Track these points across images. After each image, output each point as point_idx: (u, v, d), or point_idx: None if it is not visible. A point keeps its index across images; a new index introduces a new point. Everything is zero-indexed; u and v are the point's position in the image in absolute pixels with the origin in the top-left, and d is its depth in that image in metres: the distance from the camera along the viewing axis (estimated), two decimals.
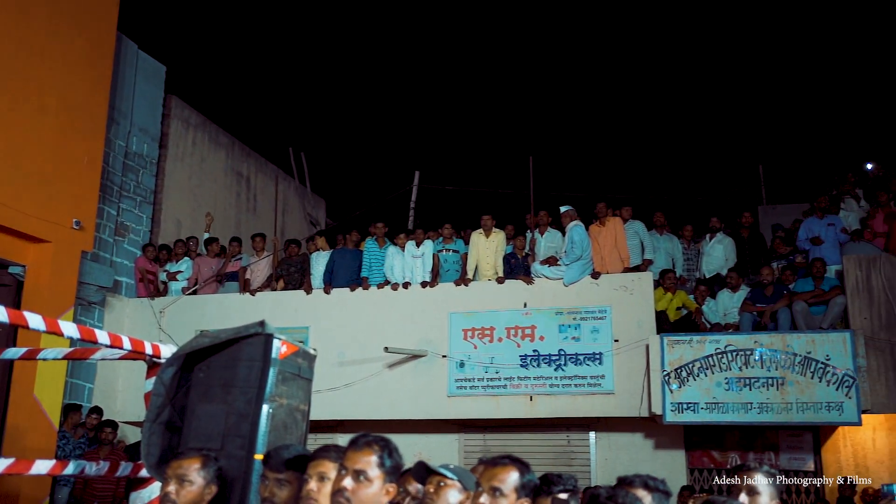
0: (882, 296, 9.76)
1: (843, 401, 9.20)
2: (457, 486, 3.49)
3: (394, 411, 10.77)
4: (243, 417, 3.62)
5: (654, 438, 10.75)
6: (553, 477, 3.44)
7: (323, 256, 11.91)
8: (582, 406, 10.29)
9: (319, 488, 3.30)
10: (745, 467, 3.59)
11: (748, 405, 9.50)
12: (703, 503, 3.41)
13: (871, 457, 10.43)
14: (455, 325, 10.84)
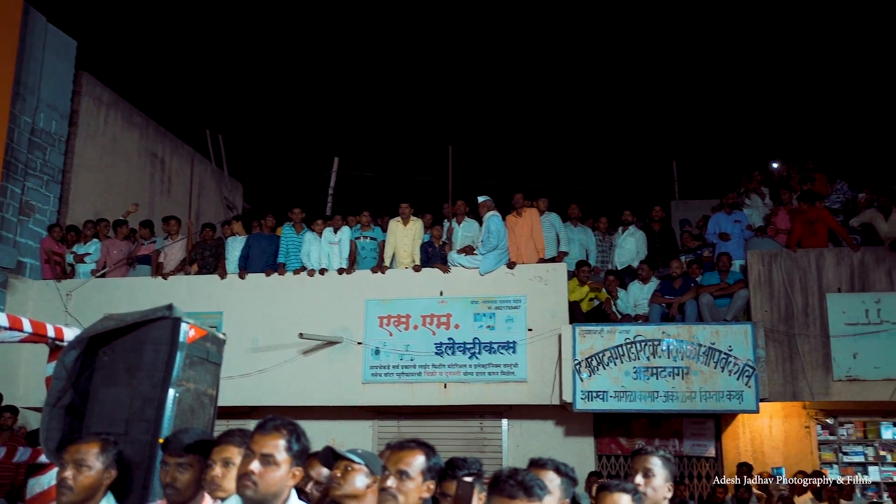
0: (782, 290, 10.18)
1: (742, 390, 9.58)
2: (364, 470, 3.52)
3: (308, 398, 10.72)
4: (148, 401, 3.57)
5: (564, 426, 10.98)
6: (458, 461, 3.50)
7: (239, 241, 11.75)
8: (495, 394, 10.43)
9: (224, 474, 3.29)
10: (643, 451, 3.73)
11: (655, 394, 9.79)
12: (598, 486, 3.52)
13: (768, 443, 10.90)
14: (371, 313, 10.85)
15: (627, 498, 3.36)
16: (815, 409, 10.99)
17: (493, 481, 3.06)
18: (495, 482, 3.03)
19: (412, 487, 3.04)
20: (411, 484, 3.04)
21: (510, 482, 2.99)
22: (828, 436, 11.64)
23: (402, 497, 3.02)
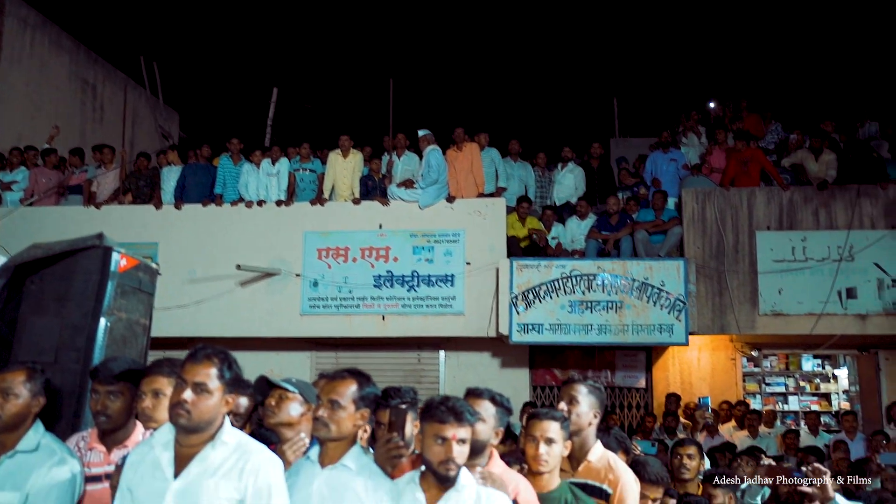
0: (714, 227, 10.43)
1: (673, 323, 9.87)
2: (298, 399, 3.58)
3: (246, 329, 10.71)
4: (79, 330, 3.55)
5: (500, 357, 11.20)
6: (392, 390, 3.58)
7: (174, 171, 11.52)
8: (433, 326, 10.56)
9: (155, 405, 3.30)
10: (571, 380, 3.84)
11: (589, 327, 10.02)
12: (528, 414, 3.63)
13: (696, 374, 11.30)
14: (309, 245, 10.81)
15: (556, 425, 3.48)
16: (741, 342, 11.41)
17: (425, 408, 3.15)
18: (427, 408, 3.12)
19: (344, 416, 3.09)
20: (343, 413, 3.09)
21: (441, 408, 3.08)
22: (752, 367, 12.11)
23: (335, 426, 3.08)
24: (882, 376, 11.20)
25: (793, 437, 9.25)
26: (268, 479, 2.90)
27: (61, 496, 3.26)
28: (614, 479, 3.61)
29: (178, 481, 2.88)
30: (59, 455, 3.32)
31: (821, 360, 12.36)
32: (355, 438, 3.15)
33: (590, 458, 3.69)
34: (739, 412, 10.10)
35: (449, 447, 3.02)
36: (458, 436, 3.03)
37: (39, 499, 3.22)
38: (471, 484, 3.12)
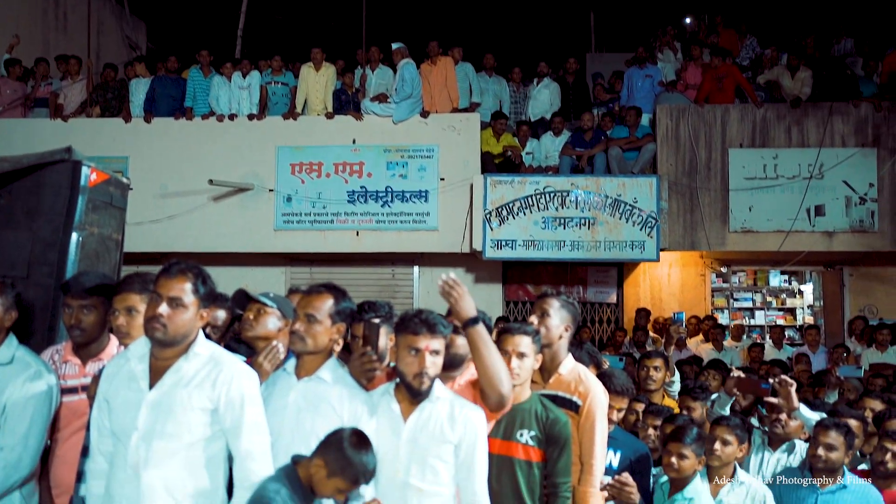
0: (688, 144, 10.46)
1: (645, 240, 9.98)
2: (276, 313, 3.62)
3: (220, 244, 10.69)
4: (50, 246, 3.53)
5: (474, 273, 11.30)
6: (367, 304, 3.62)
7: (143, 83, 11.27)
8: (407, 242, 10.61)
9: (129, 322, 3.32)
10: (544, 294, 3.90)
11: (562, 243, 10.12)
12: (500, 328, 3.70)
13: (666, 290, 11.51)
14: (282, 160, 10.71)
15: (528, 340, 3.55)
16: (711, 258, 11.59)
17: (399, 321, 3.21)
18: (401, 321, 3.19)
19: (321, 330, 3.14)
20: (320, 327, 3.13)
21: (415, 320, 3.14)
22: (721, 283, 12.36)
23: (311, 339, 3.12)
24: (846, 292, 11.48)
25: (758, 351, 9.51)
26: (241, 390, 2.95)
27: (38, 408, 3.30)
28: (584, 391, 3.70)
29: (152, 392, 2.93)
30: (35, 368, 3.35)
31: (788, 276, 12.62)
32: (331, 352, 3.20)
33: (560, 371, 3.78)
34: (707, 326, 10.33)
35: (422, 358, 3.09)
36: (430, 347, 3.09)
37: (17, 410, 3.26)
38: (445, 396, 3.20)
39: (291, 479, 2.86)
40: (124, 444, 2.91)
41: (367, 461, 2.88)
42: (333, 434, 2.92)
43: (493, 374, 3.23)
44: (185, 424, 2.88)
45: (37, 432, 3.29)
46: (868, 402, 5.09)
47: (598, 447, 3.65)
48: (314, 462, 2.87)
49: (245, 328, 3.64)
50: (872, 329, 9.53)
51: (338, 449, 2.85)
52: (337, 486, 2.87)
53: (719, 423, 4.10)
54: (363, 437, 2.92)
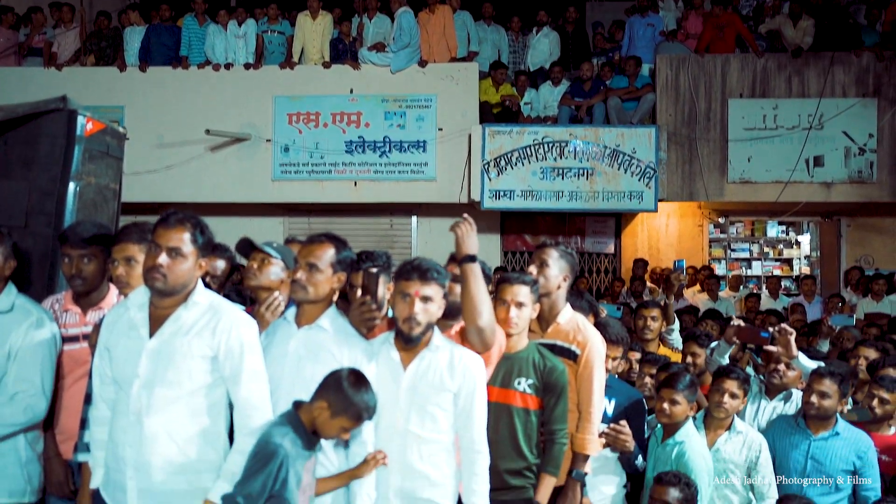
0: (687, 94, 10.38)
1: (643, 190, 9.97)
2: (279, 263, 3.63)
3: (217, 194, 10.67)
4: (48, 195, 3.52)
5: None
6: (366, 254, 3.63)
7: (137, 31, 11.13)
8: (405, 192, 10.59)
9: (128, 272, 3.34)
10: (543, 244, 3.91)
11: (560, 193, 10.11)
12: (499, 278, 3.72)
13: (663, 240, 11.54)
14: (280, 109, 10.64)
15: (526, 289, 3.57)
16: (708, 209, 11.60)
17: (397, 269, 3.24)
18: (398, 269, 3.22)
19: (322, 280, 3.15)
20: (321, 276, 3.15)
21: (407, 266, 3.18)
22: (719, 234, 12.39)
23: (312, 288, 3.14)
24: (843, 242, 11.51)
25: (754, 301, 9.56)
26: (240, 338, 2.97)
27: (46, 354, 3.34)
28: (583, 340, 3.73)
29: (152, 340, 2.95)
30: (36, 315, 3.37)
31: (785, 226, 12.65)
32: (331, 301, 3.22)
33: (559, 321, 3.81)
34: (703, 276, 10.38)
35: (411, 303, 3.12)
36: (421, 293, 3.12)
37: (27, 357, 3.29)
38: (444, 345, 3.23)
39: (295, 423, 2.91)
40: (126, 391, 2.94)
41: (368, 398, 2.94)
42: (331, 376, 2.97)
43: (475, 307, 3.25)
44: (186, 372, 2.91)
45: (49, 377, 3.34)
46: (863, 351, 5.15)
47: (596, 395, 3.70)
48: (316, 405, 2.92)
49: (248, 277, 3.66)
50: (868, 279, 9.58)
51: (338, 390, 2.90)
52: (341, 425, 2.92)
53: (728, 377, 4.12)
54: (361, 376, 2.97)
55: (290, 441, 2.84)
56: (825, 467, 4.06)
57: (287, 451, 2.80)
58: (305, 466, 2.91)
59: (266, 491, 2.78)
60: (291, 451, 2.82)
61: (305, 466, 2.91)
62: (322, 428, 2.93)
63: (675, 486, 3.55)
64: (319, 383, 2.98)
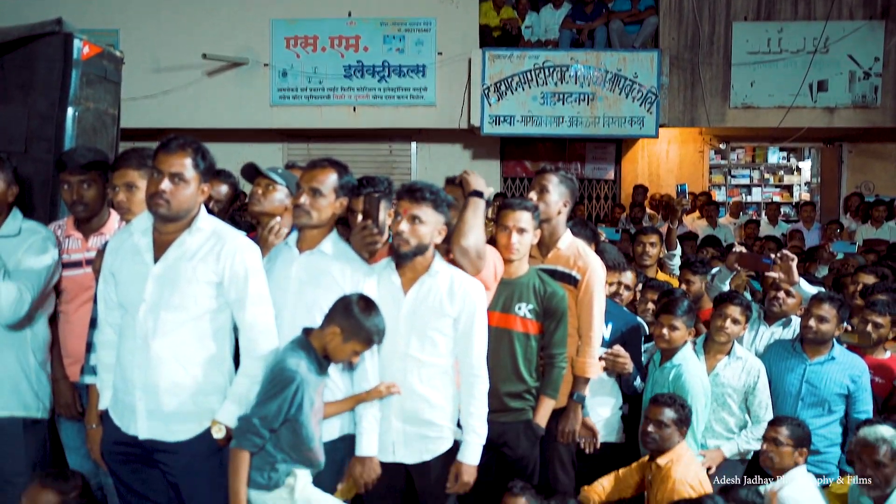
0: (691, 17, 10.20)
1: (644, 116, 9.90)
2: (284, 189, 3.63)
3: (215, 120, 10.57)
4: (47, 120, 3.50)
5: (472, 149, 11.26)
6: (367, 179, 3.63)
7: None
8: (404, 117, 10.51)
9: (129, 198, 3.34)
10: (543, 170, 3.91)
11: (560, 119, 10.03)
12: (500, 203, 3.72)
13: (664, 166, 11.50)
14: (277, 33, 10.47)
15: (528, 215, 3.58)
16: (710, 134, 11.52)
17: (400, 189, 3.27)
18: (398, 192, 3.25)
19: (325, 204, 3.16)
20: (324, 201, 3.15)
21: (403, 188, 3.21)
22: (719, 160, 12.33)
23: (316, 213, 3.15)
24: (844, 168, 11.48)
25: (753, 227, 9.58)
26: (244, 263, 2.99)
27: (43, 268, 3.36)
28: (583, 265, 3.76)
29: (157, 266, 2.97)
30: (44, 233, 3.40)
31: (786, 152, 12.59)
32: (333, 226, 3.24)
33: (559, 246, 3.83)
34: (702, 202, 10.38)
35: (399, 220, 3.15)
36: (409, 211, 3.14)
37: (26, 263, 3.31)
38: (445, 270, 3.26)
39: (307, 348, 2.96)
40: (132, 315, 2.97)
41: (378, 322, 3.00)
42: (340, 301, 3.01)
43: (463, 230, 3.29)
44: (191, 297, 2.95)
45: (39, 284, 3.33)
46: (862, 277, 5.18)
47: (596, 320, 3.74)
48: (328, 330, 2.97)
49: (253, 202, 3.66)
50: (868, 205, 9.59)
51: (349, 315, 2.95)
52: (353, 349, 2.99)
53: (731, 302, 4.16)
54: (370, 301, 3.02)
55: (305, 366, 2.90)
56: (819, 391, 4.13)
57: (302, 377, 2.86)
58: (317, 391, 2.99)
59: (282, 415, 2.86)
60: (306, 377, 2.88)
61: (317, 391, 2.99)
62: (334, 353, 2.98)
63: (669, 406, 3.63)
64: (329, 309, 3.02)
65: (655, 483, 3.60)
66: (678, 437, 3.63)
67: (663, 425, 3.60)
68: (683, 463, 3.59)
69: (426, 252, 3.21)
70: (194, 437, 2.99)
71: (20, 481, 3.26)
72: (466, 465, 3.22)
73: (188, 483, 3.03)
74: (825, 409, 4.11)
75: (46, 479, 2.86)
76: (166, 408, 2.96)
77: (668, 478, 3.53)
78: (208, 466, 3.03)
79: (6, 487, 3.41)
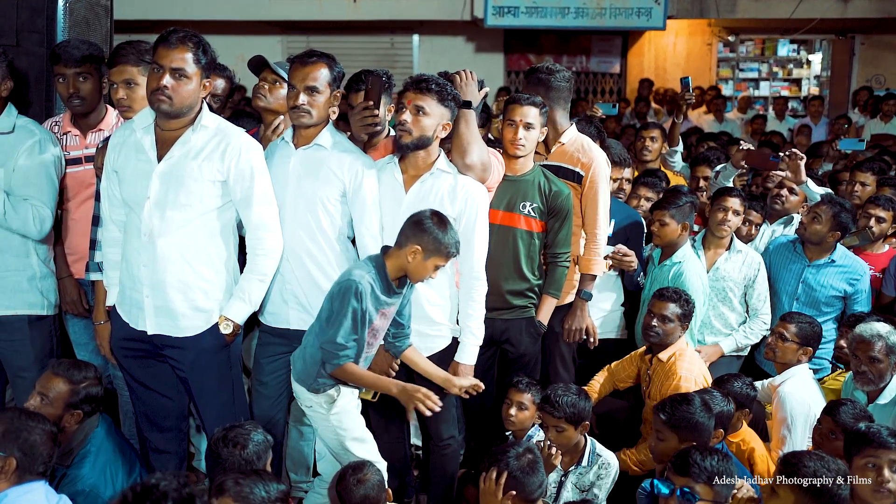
0: None
1: (651, 7, 9.63)
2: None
3: (212, 11, 10.30)
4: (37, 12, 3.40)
5: (475, 42, 11.02)
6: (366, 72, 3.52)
7: None
8: (406, 9, 10.24)
9: (129, 94, 3.28)
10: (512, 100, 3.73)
11: (565, 10, 9.77)
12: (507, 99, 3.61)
13: (670, 60, 11.27)
14: None
15: (535, 111, 3.52)
16: (718, 26, 11.24)
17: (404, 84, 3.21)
18: (404, 84, 3.20)
19: (322, 101, 3.11)
20: (321, 97, 3.10)
21: (409, 79, 3.18)
22: (728, 53, 12.07)
23: (316, 111, 3.10)
24: (855, 61, 11.26)
25: (759, 122, 9.44)
26: (250, 162, 2.99)
27: (49, 174, 3.33)
28: (587, 161, 3.72)
29: (162, 164, 2.95)
30: (39, 136, 3.34)
31: (797, 45, 12.30)
32: (328, 120, 3.19)
33: (562, 140, 3.78)
34: (710, 97, 10.21)
35: (403, 111, 3.11)
36: (413, 102, 3.10)
37: (32, 173, 3.29)
38: (449, 170, 3.22)
39: (379, 267, 2.96)
40: (137, 213, 2.97)
41: (453, 234, 2.97)
42: (414, 219, 2.97)
43: (463, 145, 3.24)
44: (197, 195, 2.94)
45: (52, 194, 3.34)
46: (859, 176, 5.06)
47: (601, 216, 3.72)
48: (408, 249, 2.93)
49: (257, 98, 3.60)
50: (878, 99, 9.40)
51: (426, 231, 2.91)
52: (435, 264, 2.96)
53: (730, 194, 4.13)
54: (442, 216, 2.98)
55: (369, 280, 2.90)
56: (815, 293, 4.14)
57: (363, 289, 2.87)
58: (380, 311, 2.98)
59: (358, 322, 2.89)
60: (366, 289, 2.88)
61: (380, 311, 2.98)
62: (416, 271, 2.96)
63: (675, 301, 3.64)
64: (404, 227, 2.98)
65: (657, 378, 3.64)
66: (680, 332, 3.66)
67: (667, 319, 3.61)
68: (687, 358, 3.62)
69: (429, 147, 3.17)
70: (202, 332, 3.04)
71: (29, 375, 3.34)
72: (464, 364, 3.26)
73: (196, 377, 3.10)
74: (818, 310, 4.12)
75: (59, 367, 2.93)
76: (173, 304, 3.00)
77: (672, 374, 3.56)
78: (216, 361, 3.09)
79: (16, 381, 3.50)
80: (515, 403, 3.45)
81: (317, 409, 3.05)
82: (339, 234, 3.20)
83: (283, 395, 3.32)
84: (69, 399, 2.87)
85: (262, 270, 3.05)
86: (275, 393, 3.30)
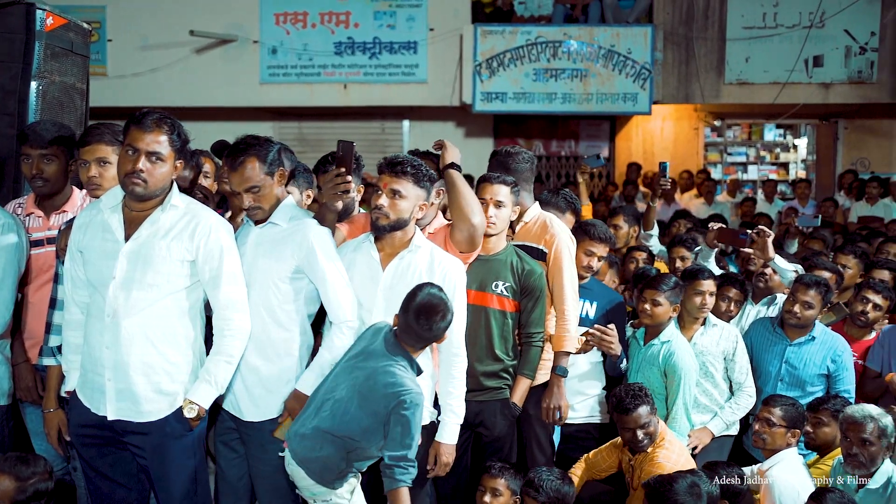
0: None
1: (637, 92, 9.78)
2: None
3: (204, 98, 10.45)
4: (9, 94, 3.41)
5: (464, 127, 11.15)
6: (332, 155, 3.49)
7: None
8: (395, 95, 10.38)
9: (101, 173, 3.26)
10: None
11: (553, 95, 9.92)
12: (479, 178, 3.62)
13: (659, 144, 11.39)
14: (266, 9, 10.30)
15: (506, 189, 3.51)
16: (705, 111, 11.41)
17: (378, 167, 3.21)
18: (379, 166, 3.20)
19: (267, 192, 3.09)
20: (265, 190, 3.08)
21: (384, 161, 3.18)
22: (715, 137, 12.23)
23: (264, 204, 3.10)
24: (839, 145, 11.38)
25: (749, 205, 9.48)
26: (219, 241, 2.96)
27: (9, 259, 3.26)
28: (550, 238, 3.68)
29: (129, 243, 2.91)
30: (3, 220, 3.29)
31: (783, 130, 12.47)
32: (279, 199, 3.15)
33: (525, 220, 3.77)
34: (699, 180, 10.28)
35: (378, 194, 3.10)
36: (389, 185, 3.08)
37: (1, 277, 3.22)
38: (426, 246, 3.19)
39: (407, 357, 3.00)
40: (101, 293, 2.91)
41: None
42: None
43: (465, 205, 3.25)
44: (164, 275, 2.90)
45: (11, 286, 3.27)
46: (841, 259, 5.02)
47: (568, 291, 3.64)
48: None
49: (223, 182, 3.59)
50: (863, 182, 9.49)
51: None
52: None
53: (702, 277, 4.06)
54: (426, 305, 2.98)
55: (412, 377, 2.98)
56: (798, 372, 4.08)
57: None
58: None
59: (418, 433, 2.94)
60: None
61: None
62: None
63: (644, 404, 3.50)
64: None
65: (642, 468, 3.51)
66: (655, 423, 3.55)
67: (646, 426, 3.48)
68: (666, 445, 3.51)
69: (406, 227, 3.16)
70: (165, 416, 2.95)
71: None
72: (445, 444, 3.20)
73: (157, 464, 2.99)
74: (804, 389, 4.05)
75: (4, 463, 2.80)
76: (136, 387, 2.91)
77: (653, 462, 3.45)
78: (179, 447, 2.99)
79: None
80: (489, 490, 3.33)
81: (336, 500, 2.98)
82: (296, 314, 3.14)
83: (243, 481, 3.25)
84: (15, 497, 2.75)
85: (228, 352, 2.97)
86: (237, 483, 3.24)
